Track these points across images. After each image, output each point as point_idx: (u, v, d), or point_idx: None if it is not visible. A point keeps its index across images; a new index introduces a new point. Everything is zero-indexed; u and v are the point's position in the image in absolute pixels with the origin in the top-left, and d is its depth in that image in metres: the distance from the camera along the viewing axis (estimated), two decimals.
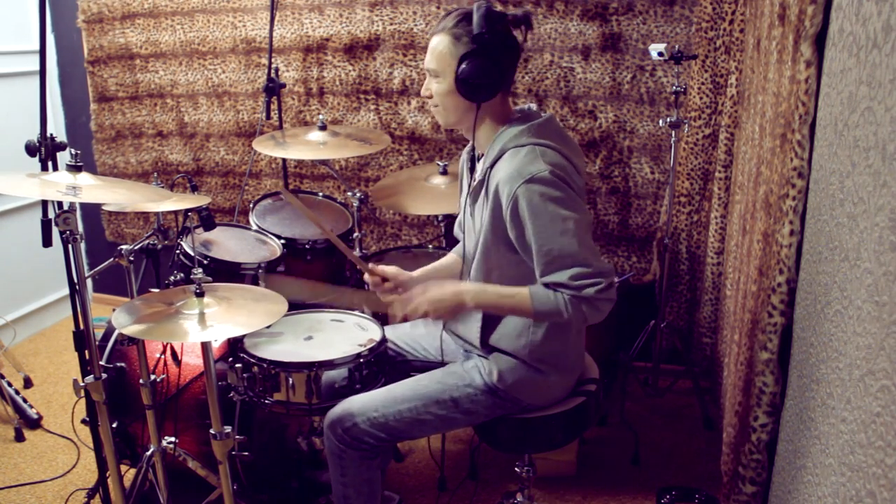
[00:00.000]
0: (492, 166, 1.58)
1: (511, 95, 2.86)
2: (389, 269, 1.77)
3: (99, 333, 2.03)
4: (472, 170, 1.78)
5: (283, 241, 2.33)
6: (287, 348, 1.88)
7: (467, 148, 1.78)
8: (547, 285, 1.53)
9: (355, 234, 2.50)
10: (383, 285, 1.75)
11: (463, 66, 1.54)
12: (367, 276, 1.76)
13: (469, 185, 1.75)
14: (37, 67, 1.72)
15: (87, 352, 1.74)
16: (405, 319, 1.66)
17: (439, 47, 1.59)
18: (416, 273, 1.83)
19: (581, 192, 1.58)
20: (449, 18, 1.58)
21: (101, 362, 1.86)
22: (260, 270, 2.16)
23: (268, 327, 1.81)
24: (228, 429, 1.67)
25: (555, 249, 1.49)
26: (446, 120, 1.66)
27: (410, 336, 1.93)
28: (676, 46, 2.44)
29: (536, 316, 1.56)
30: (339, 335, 1.94)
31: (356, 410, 1.67)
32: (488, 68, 1.53)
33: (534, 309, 1.54)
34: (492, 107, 1.61)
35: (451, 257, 1.90)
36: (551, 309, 1.52)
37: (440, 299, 1.59)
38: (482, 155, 1.68)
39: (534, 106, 1.69)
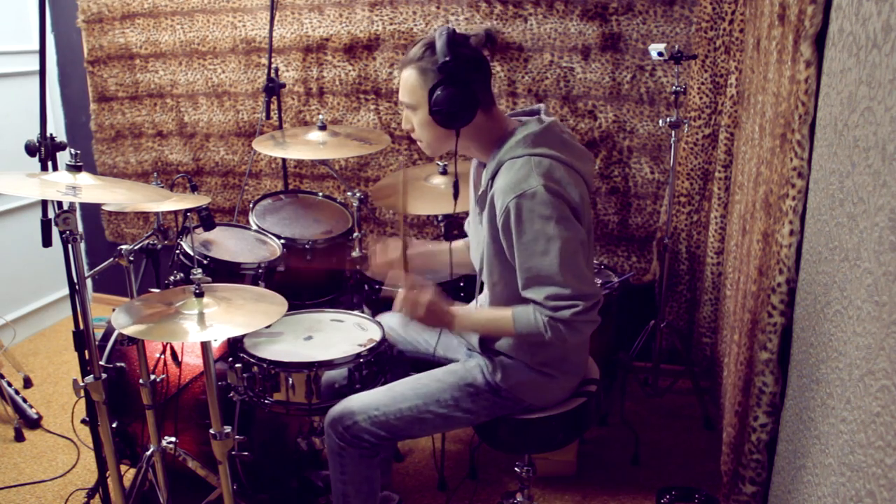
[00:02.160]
0: (492, 177, 1.58)
1: (511, 96, 2.87)
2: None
3: (99, 333, 2.03)
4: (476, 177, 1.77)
5: (282, 241, 2.33)
6: (287, 348, 1.88)
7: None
8: (528, 300, 1.53)
9: (355, 234, 2.50)
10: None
11: (434, 97, 1.52)
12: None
13: (475, 193, 1.74)
14: (37, 67, 1.72)
15: (86, 352, 1.74)
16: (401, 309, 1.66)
17: (409, 81, 1.57)
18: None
19: (581, 203, 1.54)
20: (415, 49, 1.56)
21: (101, 362, 1.86)
22: (259, 271, 2.16)
23: (267, 327, 1.81)
24: (228, 429, 1.67)
25: (534, 268, 1.49)
26: (431, 150, 1.65)
27: (412, 326, 1.92)
28: (676, 46, 2.44)
29: (519, 337, 1.58)
30: (338, 335, 1.94)
31: (357, 408, 1.67)
32: (459, 95, 1.51)
33: (516, 331, 1.56)
34: (475, 126, 1.58)
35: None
36: (532, 330, 1.53)
37: (433, 310, 1.60)
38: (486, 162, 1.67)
39: (542, 106, 1.67)
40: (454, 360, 1.82)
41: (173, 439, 1.96)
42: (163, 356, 2.00)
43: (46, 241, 1.63)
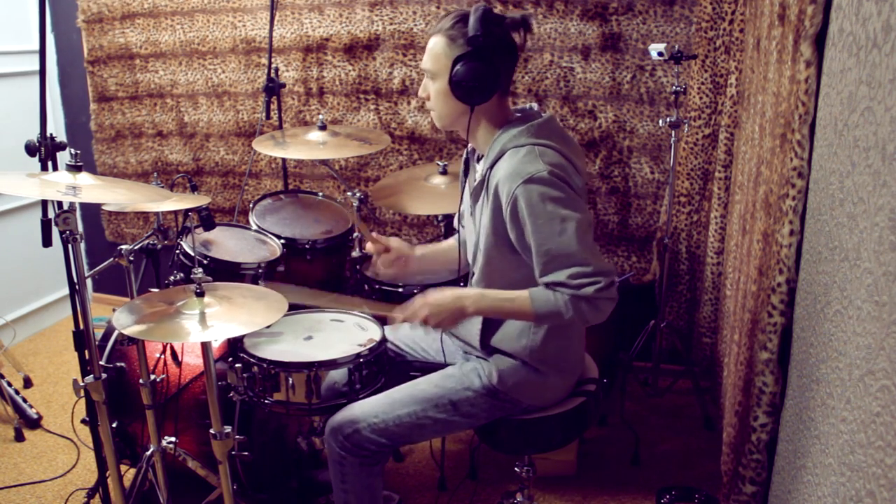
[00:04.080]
0: (492, 166, 1.58)
1: (511, 96, 2.87)
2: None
3: (99, 333, 2.03)
4: (466, 171, 1.78)
5: (282, 241, 2.33)
6: (287, 348, 1.88)
7: (468, 148, 1.78)
8: (547, 286, 1.52)
9: (355, 234, 2.50)
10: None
11: (457, 68, 1.53)
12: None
13: (469, 185, 1.74)
14: (37, 67, 1.72)
15: (86, 352, 1.74)
16: (405, 321, 1.66)
17: (435, 48, 1.59)
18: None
19: (581, 192, 1.57)
20: (447, 19, 1.58)
21: (101, 362, 1.86)
22: (259, 271, 2.16)
23: (268, 327, 1.81)
24: (228, 429, 1.67)
25: (553, 249, 1.48)
26: (442, 121, 1.66)
27: (410, 337, 1.93)
28: (676, 46, 2.43)
29: (537, 318, 1.55)
30: (338, 335, 1.94)
31: (357, 417, 1.67)
32: (482, 71, 1.53)
33: (534, 311, 1.53)
34: (488, 109, 1.60)
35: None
36: (552, 310, 1.51)
37: (440, 304, 1.58)
38: (482, 155, 1.68)
39: (535, 105, 1.69)
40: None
41: (173, 439, 1.96)
42: (163, 356, 2.00)
43: (46, 241, 1.63)
